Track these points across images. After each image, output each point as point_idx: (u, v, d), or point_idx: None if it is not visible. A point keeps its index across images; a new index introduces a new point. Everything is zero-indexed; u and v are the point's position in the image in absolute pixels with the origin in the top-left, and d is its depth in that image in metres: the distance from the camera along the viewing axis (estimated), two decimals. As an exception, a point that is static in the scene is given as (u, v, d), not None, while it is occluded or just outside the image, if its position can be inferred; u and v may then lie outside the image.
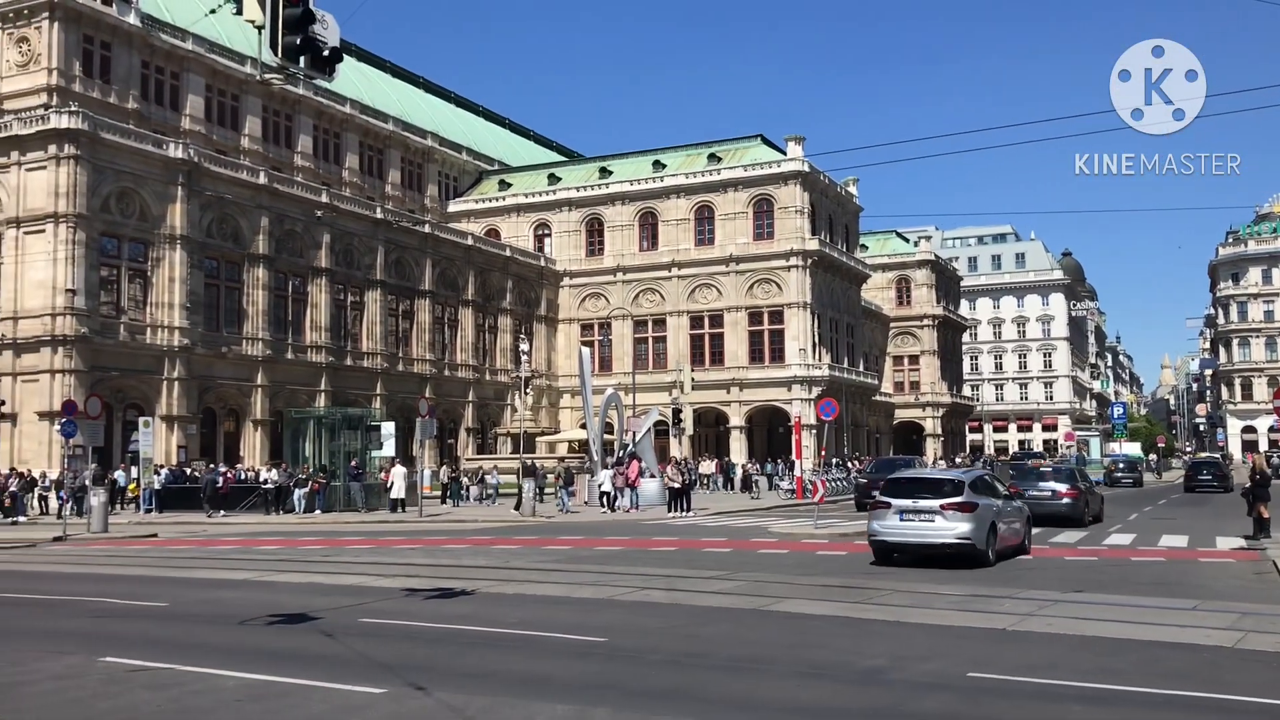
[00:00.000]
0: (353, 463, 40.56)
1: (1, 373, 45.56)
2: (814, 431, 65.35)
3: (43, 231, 45.45)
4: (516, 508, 36.50)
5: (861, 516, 33.53)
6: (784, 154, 74.07)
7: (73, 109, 47.24)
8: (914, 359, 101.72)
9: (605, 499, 38.13)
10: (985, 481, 20.68)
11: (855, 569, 18.85)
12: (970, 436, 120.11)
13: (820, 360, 72.48)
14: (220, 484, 39.23)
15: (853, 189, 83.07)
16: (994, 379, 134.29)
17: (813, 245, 71.83)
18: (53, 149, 45.66)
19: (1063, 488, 28.88)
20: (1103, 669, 10.05)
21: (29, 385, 45.24)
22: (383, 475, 40.46)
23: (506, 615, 13.63)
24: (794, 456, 45.62)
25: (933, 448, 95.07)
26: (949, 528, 18.53)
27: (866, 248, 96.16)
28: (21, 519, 36.73)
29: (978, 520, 18.65)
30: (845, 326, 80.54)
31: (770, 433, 75.40)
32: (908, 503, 19.09)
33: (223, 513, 37.42)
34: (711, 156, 76.70)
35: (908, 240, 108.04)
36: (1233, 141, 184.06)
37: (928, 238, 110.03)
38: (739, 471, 55.80)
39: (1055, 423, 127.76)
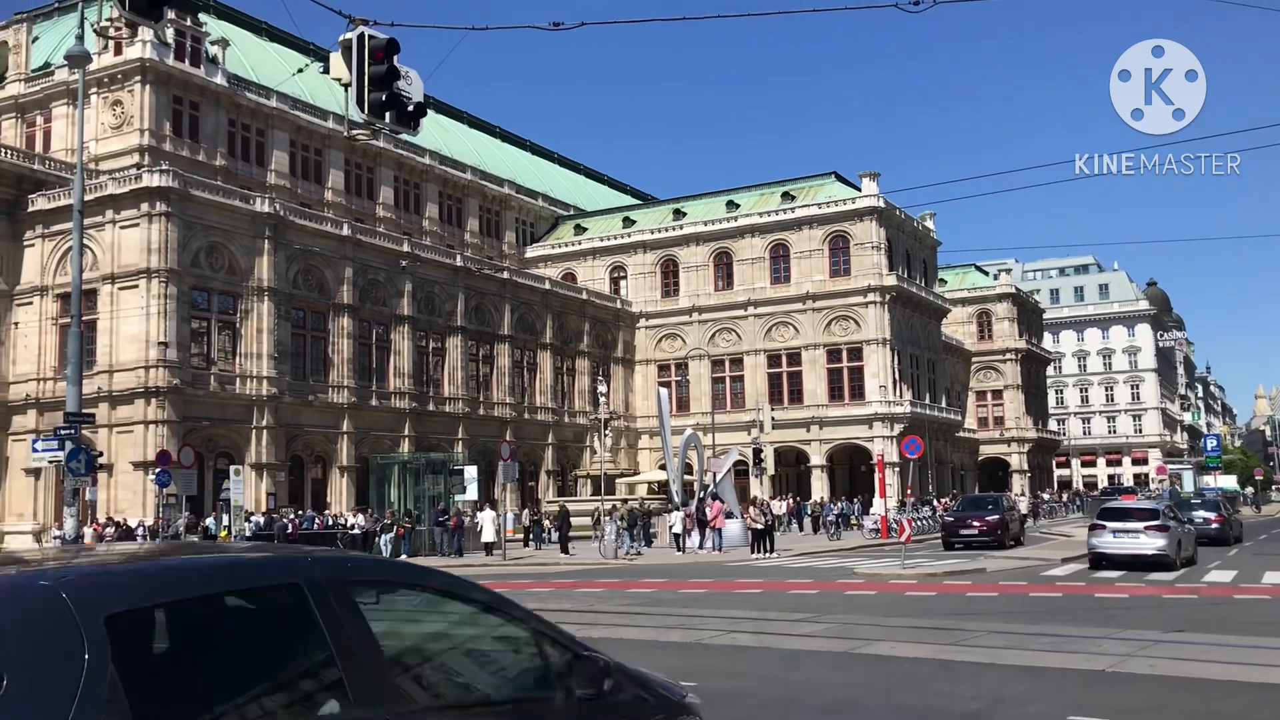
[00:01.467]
0: (437, 507, 41.01)
1: (98, 424, 46.93)
2: (897, 469, 64.50)
3: (136, 287, 46.96)
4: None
5: (950, 555, 33.04)
6: (859, 190, 73.82)
7: (163, 167, 48.91)
8: (997, 394, 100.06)
9: (676, 540, 38.06)
10: (1171, 511, 28.88)
11: (946, 610, 18.53)
12: (1057, 471, 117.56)
13: (901, 397, 71.66)
14: (290, 530, 39.84)
15: (930, 223, 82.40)
16: (1080, 413, 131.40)
17: (890, 281, 71.30)
18: (145, 207, 47.25)
19: (1212, 515, 37.64)
20: (1212, 712, 9.74)
21: (124, 436, 46.58)
22: (451, 520, 40.62)
23: (595, 659, 13.60)
24: (878, 495, 45.06)
25: (1019, 484, 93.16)
26: (1150, 543, 25.82)
27: (945, 282, 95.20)
28: (119, 567, 37.67)
29: (1170, 538, 26.11)
30: (926, 362, 79.60)
31: (852, 471, 74.59)
32: (1119, 525, 26.40)
33: None
34: (785, 195, 76.71)
35: (987, 274, 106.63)
36: (1233, 141, 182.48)
37: (1007, 271, 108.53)
38: (823, 511, 54.88)
39: (1145, 456, 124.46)
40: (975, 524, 36.47)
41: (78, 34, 33.64)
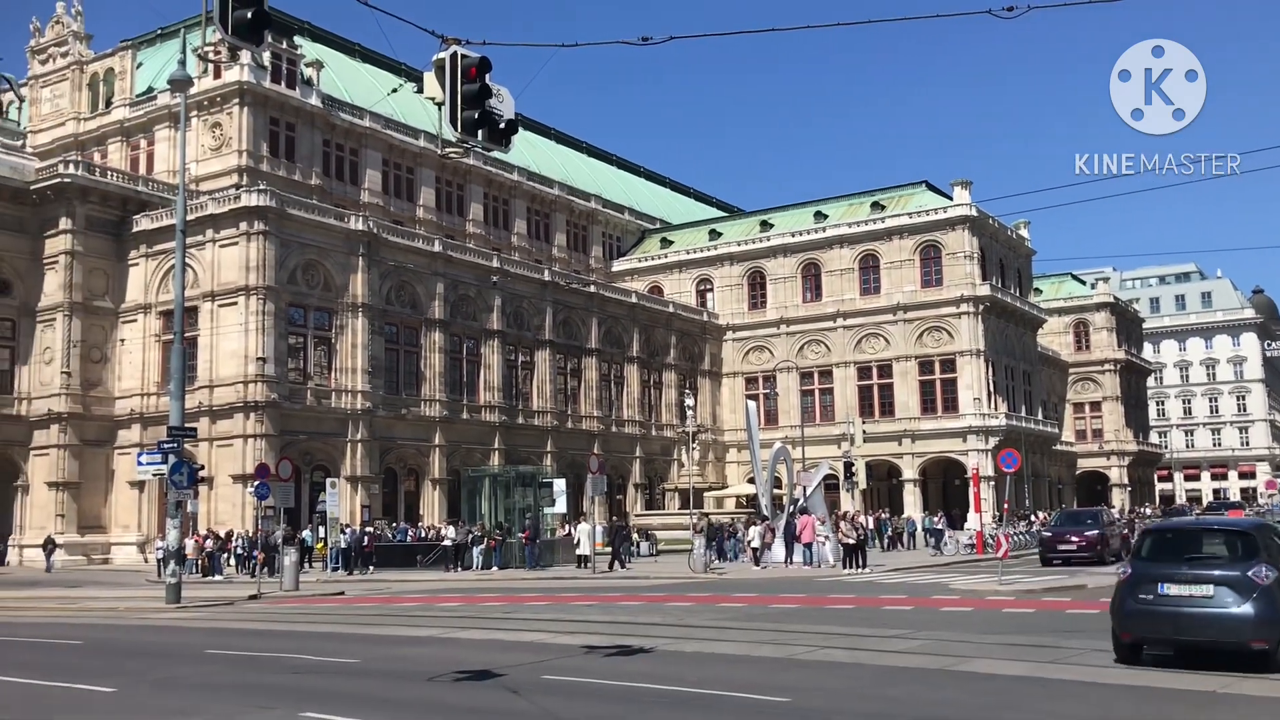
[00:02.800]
0: (526, 519, 41.31)
1: (199, 438, 48.23)
2: (993, 483, 63.26)
3: (235, 304, 48.25)
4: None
5: (1048, 572, 32.25)
6: (950, 199, 72.76)
7: (261, 187, 50.22)
8: (1095, 405, 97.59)
9: (755, 555, 37.72)
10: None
11: (1045, 627, 18.07)
12: (1159, 486, 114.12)
13: (996, 409, 70.30)
14: (366, 543, 40.32)
15: (1024, 232, 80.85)
16: (1183, 424, 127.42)
17: (983, 291, 70.08)
18: (243, 226, 48.55)
19: None
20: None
21: (224, 450, 47.80)
22: (522, 534, 40.78)
23: (686, 674, 13.55)
24: (972, 509, 44.21)
25: (1119, 498, 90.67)
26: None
27: (1040, 291, 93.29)
28: (218, 577, 38.67)
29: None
30: (1021, 373, 78.00)
31: (946, 485, 73.33)
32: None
33: (370, 569, 38.69)
34: (875, 205, 75.92)
35: (1084, 283, 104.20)
36: (1233, 141, 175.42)
37: (1105, 279, 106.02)
38: (907, 526, 53.88)
39: (1253, 469, 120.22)
40: (1074, 539, 35.41)
41: (180, 59, 34.71)
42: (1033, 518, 56.68)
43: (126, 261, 52.13)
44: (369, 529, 44.00)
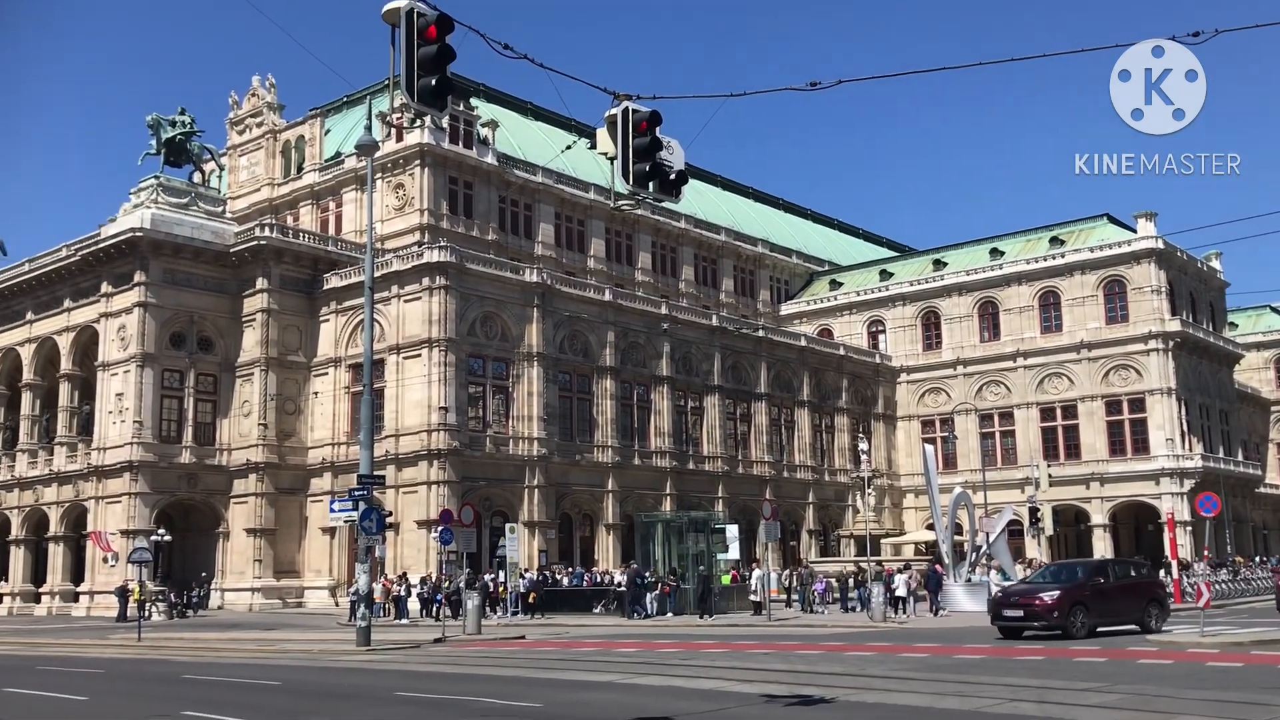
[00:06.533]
0: (700, 566, 41.27)
1: (386, 485, 50.12)
2: (1189, 529, 59.89)
3: (419, 356, 50.18)
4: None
5: (1257, 623, 30.19)
6: (1134, 232, 69.86)
7: (442, 244, 52.30)
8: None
9: (898, 605, 36.06)
10: None
11: (1255, 683, 16.95)
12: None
13: (1191, 450, 66.61)
14: (491, 589, 40.56)
15: (1216, 264, 76.89)
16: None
17: (1173, 326, 66.81)
18: (426, 281, 50.57)
19: None
20: None
21: (409, 496, 49.55)
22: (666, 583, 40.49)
23: (870, 725, 13.26)
24: (1168, 556, 41.92)
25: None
26: None
27: (1236, 325, 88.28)
28: (404, 620, 39.93)
29: None
30: (1217, 412, 73.80)
31: (1138, 531, 69.77)
32: None
33: (497, 614, 38.92)
34: (1053, 240, 73.51)
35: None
36: (1233, 141, 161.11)
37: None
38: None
39: None
40: (1025, 603, 26.98)
41: (366, 124, 36.61)
42: (1237, 563, 53.24)
43: (318, 318, 54.92)
44: (546, 572, 44.74)
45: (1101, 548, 65.79)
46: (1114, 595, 27.09)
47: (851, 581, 41.78)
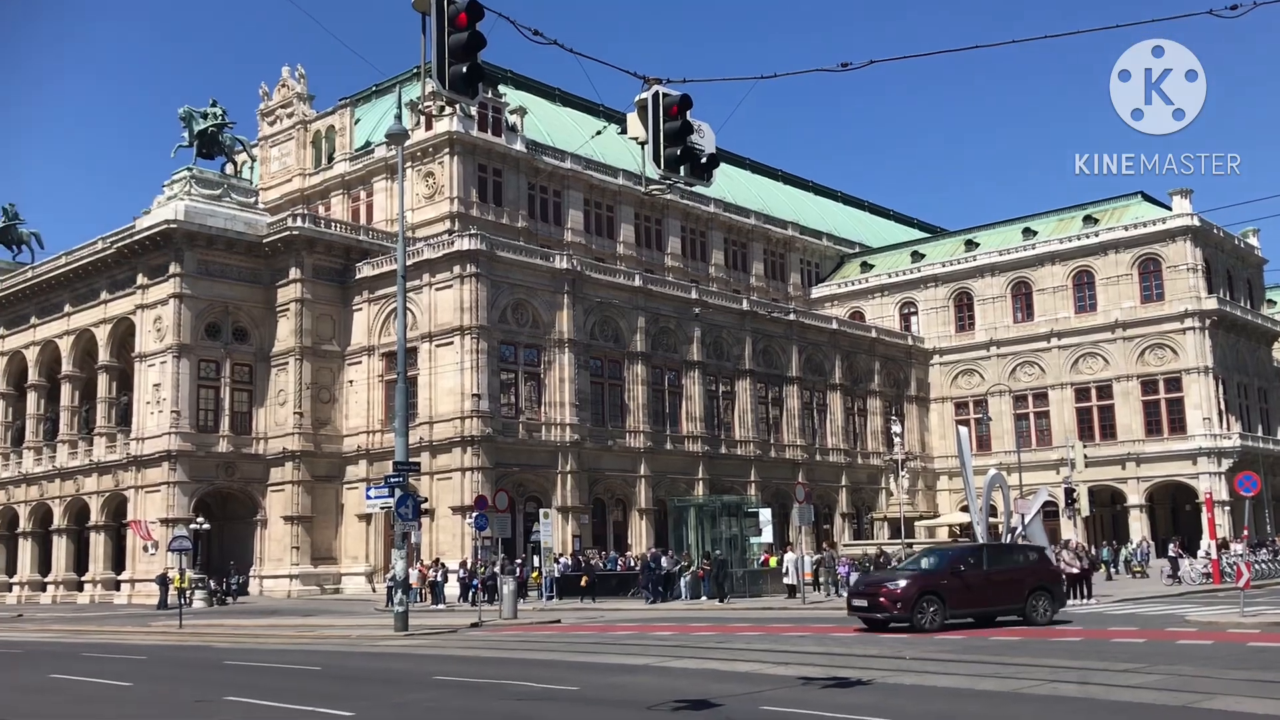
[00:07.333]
0: (716, 550, 41.26)
1: (421, 472, 50.46)
2: (1228, 508, 59.30)
3: (451, 343, 50.42)
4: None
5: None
6: (1169, 209, 69.04)
7: (472, 232, 52.48)
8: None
9: None
10: None
11: (1298, 663, 16.79)
12: None
13: (1229, 429, 65.92)
14: (518, 574, 40.65)
15: (1253, 240, 75.92)
16: None
17: (1210, 304, 66.07)
18: (457, 269, 50.76)
19: None
20: None
21: (443, 483, 49.87)
22: (699, 571, 40.33)
23: (908, 706, 13.27)
24: (1206, 536, 41.54)
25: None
26: None
27: (1275, 303, 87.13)
28: (440, 605, 40.23)
29: None
30: (1256, 391, 72.97)
31: (1175, 511, 69.14)
32: None
33: (522, 600, 38.99)
34: (1087, 219, 72.77)
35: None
36: (1233, 141, 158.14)
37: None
38: (1135, 555, 50.95)
39: None
40: (871, 593, 25.49)
41: (395, 113, 36.70)
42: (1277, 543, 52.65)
43: (351, 307, 55.26)
44: (580, 557, 44.93)
45: (1138, 528, 65.31)
46: (980, 584, 24.70)
47: (872, 566, 41.70)
